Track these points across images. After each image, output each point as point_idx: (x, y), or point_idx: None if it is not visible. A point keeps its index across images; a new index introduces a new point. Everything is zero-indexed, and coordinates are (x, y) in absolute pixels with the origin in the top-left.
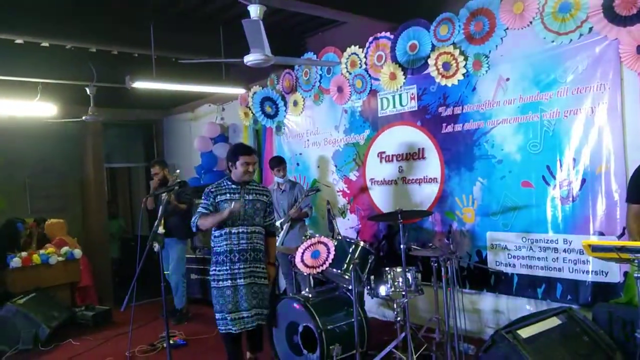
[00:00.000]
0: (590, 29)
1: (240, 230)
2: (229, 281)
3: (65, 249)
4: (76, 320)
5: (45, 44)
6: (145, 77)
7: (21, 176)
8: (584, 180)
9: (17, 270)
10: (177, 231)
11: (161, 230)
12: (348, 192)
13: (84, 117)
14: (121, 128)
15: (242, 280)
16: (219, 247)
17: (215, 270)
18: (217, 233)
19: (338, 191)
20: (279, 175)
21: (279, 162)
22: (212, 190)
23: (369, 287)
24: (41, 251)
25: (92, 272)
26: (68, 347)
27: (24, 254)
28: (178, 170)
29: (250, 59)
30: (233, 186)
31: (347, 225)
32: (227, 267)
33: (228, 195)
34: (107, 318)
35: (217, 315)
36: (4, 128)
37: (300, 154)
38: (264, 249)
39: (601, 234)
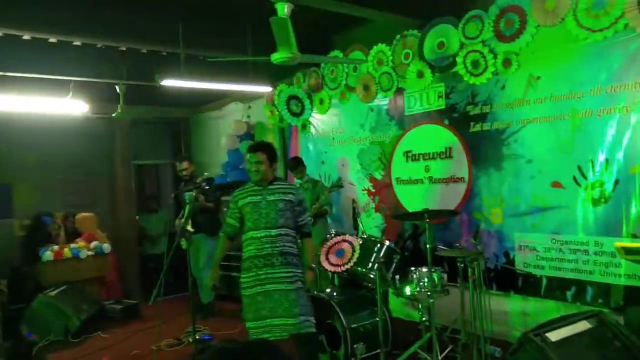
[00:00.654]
0: (626, 25)
1: (263, 234)
2: (258, 287)
3: (95, 243)
4: (105, 314)
5: (77, 42)
6: (173, 75)
7: (53, 172)
8: (617, 181)
9: (48, 263)
10: (206, 227)
11: (190, 228)
12: (373, 190)
13: (113, 115)
14: (149, 125)
15: (272, 285)
16: (244, 253)
17: (242, 278)
18: (243, 238)
19: (363, 190)
20: (298, 177)
21: (296, 164)
22: (235, 194)
23: (393, 287)
24: (72, 245)
25: (119, 267)
26: (97, 340)
27: (55, 247)
28: (207, 173)
29: (277, 57)
30: (255, 187)
31: (371, 225)
32: (253, 273)
33: (250, 197)
34: (135, 312)
35: (249, 325)
36: (37, 125)
37: (326, 152)
38: (296, 252)
39: (634, 236)
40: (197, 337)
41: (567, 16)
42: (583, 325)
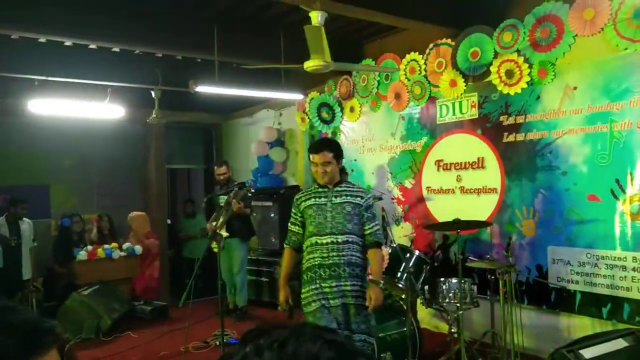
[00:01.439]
0: None
1: (329, 240)
2: (323, 301)
3: (127, 244)
4: (135, 314)
5: (115, 49)
6: (207, 81)
7: (89, 175)
8: None
9: (82, 262)
10: (240, 232)
11: (224, 232)
12: (403, 199)
13: (148, 120)
14: (182, 130)
15: (335, 300)
16: (305, 262)
17: (303, 292)
18: (304, 245)
19: (393, 199)
20: None
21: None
22: (297, 197)
23: (422, 297)
24: (105, 246)
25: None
26: (127, 339)
27: (89, 247)
28: (250, 179)
29: (310, 64)
30: (320, 189)
31: (400, 234)
32: (317, 285)
33: (313, 199)
34: (164, 313)
35: None
36: (76, 129)
37: (355, 160)
38: (363, 264)
39: None
40: (224, 340)
41: (607, 26)
42: (619, 343)
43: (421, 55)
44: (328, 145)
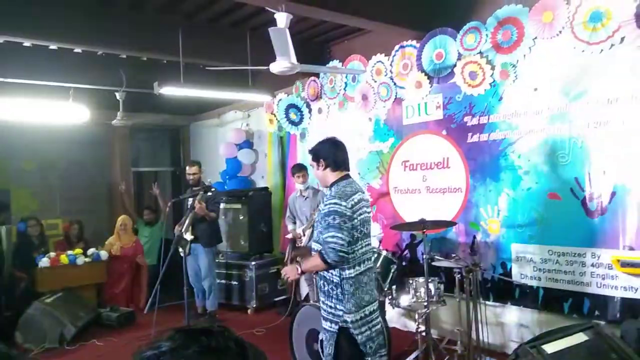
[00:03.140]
0: (622, 39)
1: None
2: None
3: (91, 250)
4: (101, 321)
5: (78, 50)
6: (173, 83)
7: (52, 179)
8: (613, 194)
9: (45, 269)
10: (203, 238)
11: (189, 236)
12: (371, 200)
13: (112, 122)
14: (148, 133)
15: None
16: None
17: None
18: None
19: None
20: (299, 182)
21: (299, 169)
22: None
23: (390, 297)
24: (69, 252)
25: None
26: (93, 347)
27: (52, 254)
28: (210, 179)
29: (276, 67)
30: None
31: None
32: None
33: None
34: (130, 320)
35: None
36: (37, 132)
37: None
38: (337, 281)
39: (631, 248)
40: None
41: (565, 29)
42: (579, 338)
43: (387, 57)
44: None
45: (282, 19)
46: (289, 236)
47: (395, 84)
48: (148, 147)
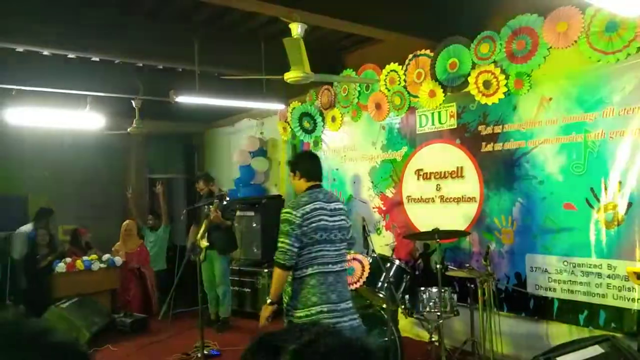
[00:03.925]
0: (638, 48)
1: None
2: None
3: (107, 256)
4: (115, 326)
5: (95, 58)
6: (188, 91)
7: (69, 185)
8: (630, 204)
9: (61, 275)
10: (218, 244)
11: (205, 243)
12: (384, 208)
13: (128, 129)
14: (164, 140)
15: None
16: None
17: None
18: None
19: (374, 207)
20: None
21: None
22: None
23: (403, 306)
24: (84, 257)
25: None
26: (106, 353)
27: (68, 259)
28: (225, 189)
29: (290, 76)
30: None
31: (382, 243)
32: None
33: None
34: (144, 326)
35: None
36: (54, 139)
37: (337, 169)
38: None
39: None
40: (205, 352)
41: (580, 38)
42: (595, 350)
43: (401, 66)
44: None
45: (296, 28)
46: None
47: (409, 92)
48: (163, 154)
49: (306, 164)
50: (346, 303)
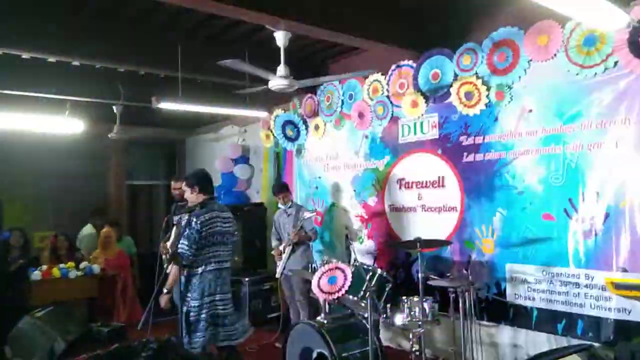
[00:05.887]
0: (616, 63)
1: None
2: None
3: (84, 263)
4: (92, 336)
5: (75, 63)
6: (171, 97)
7: (45, 191)
8: (607, 215)
9: (37, 283)
10: None
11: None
12: (366, 217)
13: (109, 135)
14: (145, 146)
15: None
16: None
17: None
18: None
19: (356, 216)
20: (284, 202)
21: (281, 189)
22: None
23: (385, 316)
24: (61, 265)
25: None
26: None
27: (44, 267)
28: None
29: (274, 83)
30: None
31: (363, 251)
32: None
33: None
34: (122, 335)
35: None
36: (32, 144)
37: (320, 177)
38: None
39: (624, 270)
40: None
41: (559, 52)
42: (573, 359)
43: (384, 76)
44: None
45: (281, 37)
46: (274, 252)
47: (391, 102)
48: (144, 160)
49: (203, 180)
50: (230, 294)
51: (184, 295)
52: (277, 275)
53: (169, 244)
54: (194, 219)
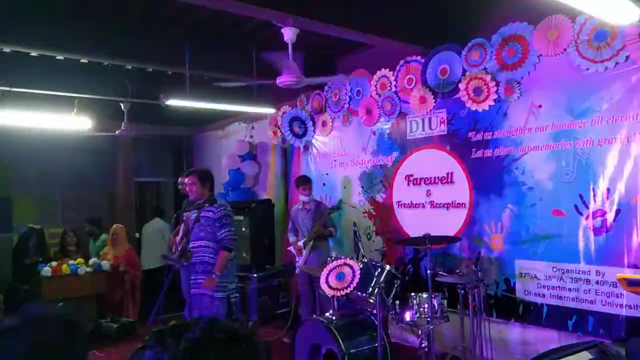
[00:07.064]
0: (627, 57)
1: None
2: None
3: (93, 260)
4: (101, 332)
5: (84, 60)
6: (178, 95)
7: (54, 188)
8: (618, 211)
9: (46, 279)
10: None
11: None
12: (374, 213)
13: (116, 132)
14: (152, 143)
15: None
16: None
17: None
18: None
19: (364, 213)
20: (304, 194)
21: (304, 181)
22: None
23: (393, 312)
24: (70, 261)
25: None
26: (92, 358)
27: (54, 263)
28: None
29: (282, 80)
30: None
31: (372, 248)
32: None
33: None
34: (130, 331)
35: None
36: (40, 141)
37: (327, 174)
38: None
39: (636, 267)
40: None
41: (570, 47)
42: (584, 356)
43: (392, 72)
44: (193, 172)
45: (289, 33)
46: (291, 248)
47: (399, 98)
48: (151, 157)
49: (211, 177)
50: None
51: (219, 285)
52: (298, 271)
53: (177, 239)
54: (228, 209)
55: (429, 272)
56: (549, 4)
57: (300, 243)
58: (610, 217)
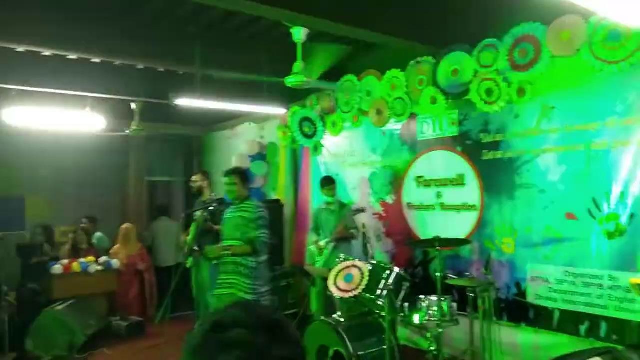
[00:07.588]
0: None
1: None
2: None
3: (104, 258)
4: (111, 330)
5: (95, 60)
6: (188, 94)
7: (67, 187)
8: (632, 215)
9: (57, 277)
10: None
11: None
12: (384, 215)
13: (127, 131)
14: (163, 143)
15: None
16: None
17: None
18: None
19: (374, 214)
20: (329, 195)
21: (329, 182)
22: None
23: (402, 315)
24: (81, 259)
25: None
26: (101, 357)
27: (65, 261)
28: (214, 193)
29: (291, 80)
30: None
31: (381, 249)
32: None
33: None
34: (140, 329)
35: None
36: (53, 140)
37: (337, 174)
38: (251, 265)
39: None
40: None
41: (583, 47)
42: None
43: (402, 72)
44: (235, 172)
45: (299, 33)
46: (313, 247)
47: (410, 99)
48: (162, 157)
49: (250, 177)
50: None
51: (251, 286)
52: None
53: (189, 238)
54: (265, 211)
55: (438, 274)
56: (562, 4)
57: (322, 243)
58: (624, 221)
